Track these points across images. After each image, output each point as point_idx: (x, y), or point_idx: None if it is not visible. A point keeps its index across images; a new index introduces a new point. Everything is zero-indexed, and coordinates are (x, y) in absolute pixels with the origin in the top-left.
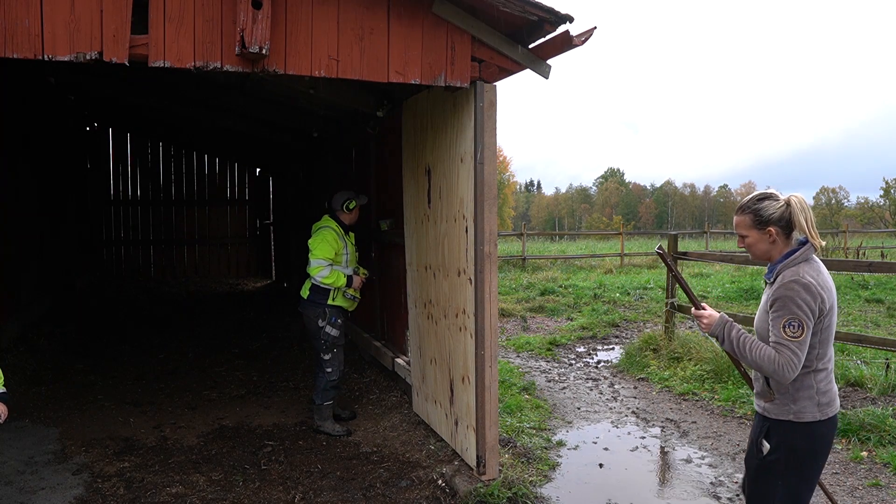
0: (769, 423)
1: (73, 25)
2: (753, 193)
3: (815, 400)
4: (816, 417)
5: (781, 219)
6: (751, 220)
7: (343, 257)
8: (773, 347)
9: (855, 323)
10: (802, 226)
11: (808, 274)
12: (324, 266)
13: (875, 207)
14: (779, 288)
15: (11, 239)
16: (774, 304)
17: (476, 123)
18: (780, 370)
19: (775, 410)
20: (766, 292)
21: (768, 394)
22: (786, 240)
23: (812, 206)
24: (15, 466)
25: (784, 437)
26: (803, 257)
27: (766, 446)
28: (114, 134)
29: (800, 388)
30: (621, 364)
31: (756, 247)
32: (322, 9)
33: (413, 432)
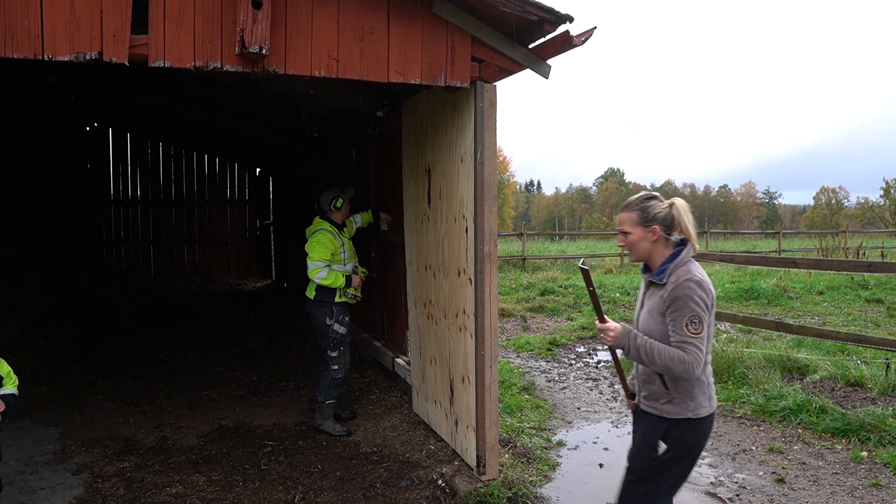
0: (667, 424)
1: (73, 25)
2: (639, 194)
3: (707, 394)
4: (708, 411)
5: (666, 219)
6: (637, 217)
7: (341, 255)
8: (679, 347)
9: (855, 323)
10: (685, 227)
11: (697, 272)
12: (321, 267)
13: (875, 207)
14: (675, 287)
15: (11, 239)
16: (673, 304)
17: (476, 123)
18: (691, 368)
19: (674, 410)
20: (654, 294)
21: (665, 394)
22: (665, 241)
23: (812, 206)
24: (15, 466)
25: (681, 435)
26: (688, 258)
27: (662, 447)
28: (114, 134)
29: (695, 384)
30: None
31: (638, 245)
32: (322, 9)
33: (413, 432)
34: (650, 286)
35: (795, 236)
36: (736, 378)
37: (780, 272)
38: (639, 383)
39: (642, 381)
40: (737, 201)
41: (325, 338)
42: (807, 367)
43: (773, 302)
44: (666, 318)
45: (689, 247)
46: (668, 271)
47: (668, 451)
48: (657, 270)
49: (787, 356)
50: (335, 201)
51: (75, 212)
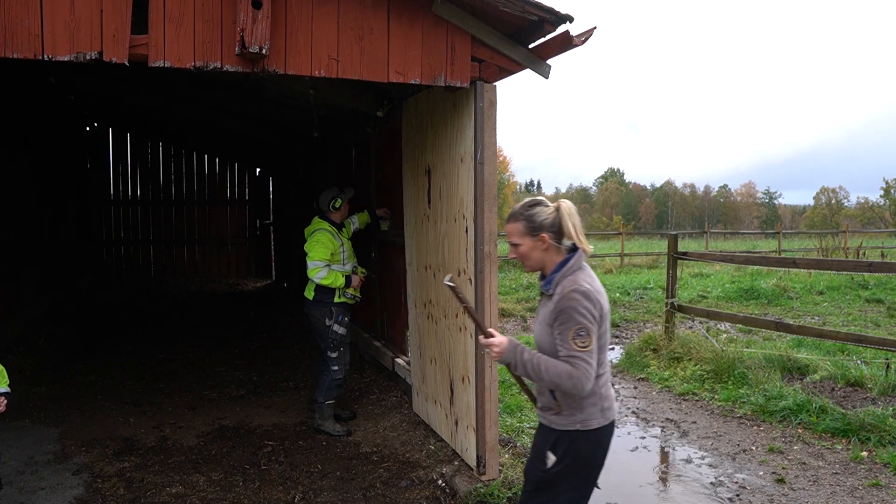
0: (556, 435)
1: (73, 25)
2: (524, 201)
3: (598, 406)
4: (601, 423)
5: (553, 225)
6: (524, 227)
7: (340, 255)
8: (567, 361)
9: (855, 323)
10: (570, 232)
11: (585, 281)
12: (320, 267)
13: (875, 207)
14: (561, 299)
15: (11, 239)
16: (559, 317)
17: (476, 123)
18: (579, 384)
19: (563, 421)
20: (545, 305)
21: (555, 406)
22: (557, 247)
23: (812, 206)
24: (15, 466)
25: (571, 447)
26: (577, 265)
27: (551, 458)
28: (114, 134)
29: (585, 396)
30: (621, 364)
31: (530, 255)
32: (322, 9)
33: (413, 432)
34: (543, 295)
35: (795, 236)
36: (736, 378)
37: (780, 272)
38: (536, 392)
39: (537, 391)
40: (737, 201)
41: (324, 338)
42: (807, 367)
43: (773, 302)
44: (553, 331)
45: (579, 254)
46: (554, 281)
47: (557, 463)
48: (546, 281)
49: (787, 356)
50: (334, 202)
51: (75, 212)
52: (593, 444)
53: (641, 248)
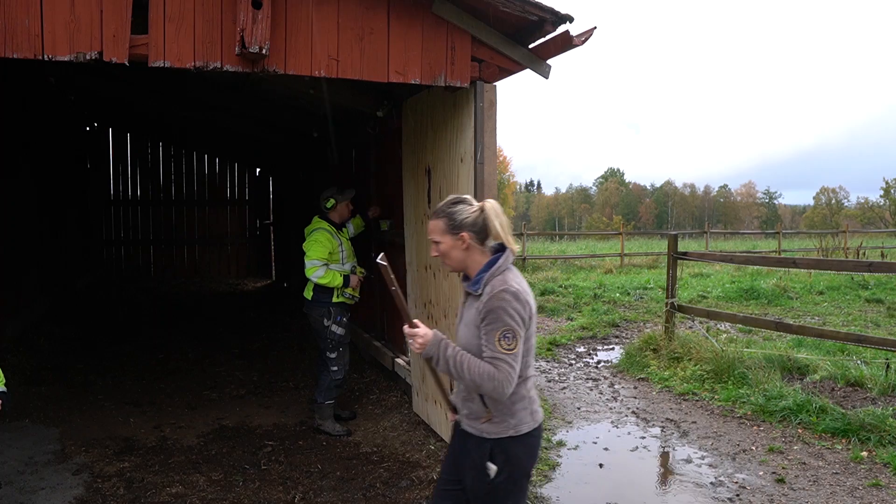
0: (490, 444)
1: (73, 25)
2: (448, 198)
3: (528, 409)
4: (531, 427)
5: (475, 224)
6: (444, 225)
7: (339, 255)
8: (490, 362)
9: (855, 323)
10: (497, 232)
11: (515, 282)
12: (318, 266)
13: (875, 207)
14: (490, 299)
15: (11, 239)
16: (487, 317)
17: (476, 123)
18: (500, 386)
19: (495, 429)
20: (470, 306)
21: (485, 413)
22: (480, 247)
23: (812, 206)
24: (15, 466)
25: (509, 455)
26: (506, 265)
27: (492, 469)
28: (114, 134)
29: (516, 400)
30: (621, 364)
31: (451, 255)
32: (322, 9)
33: (413, 432)
34: (468, 296)
35: (795, 236)
36: (736, 378)
37: (780, 272)
38: (460, 401)
39: (462, 399)
40: (737, 201)
41: (323, 339)
42: (807, 367)
43: (773, 302)
44: (480, 332)
45: (507, 253)
46: (483, 281)
47: (500, 472)
48: (473, 280)
49: (787, 356)
50: (327, 201)
51: (75, 212)
52: (527, 448)
53: (641, 248)
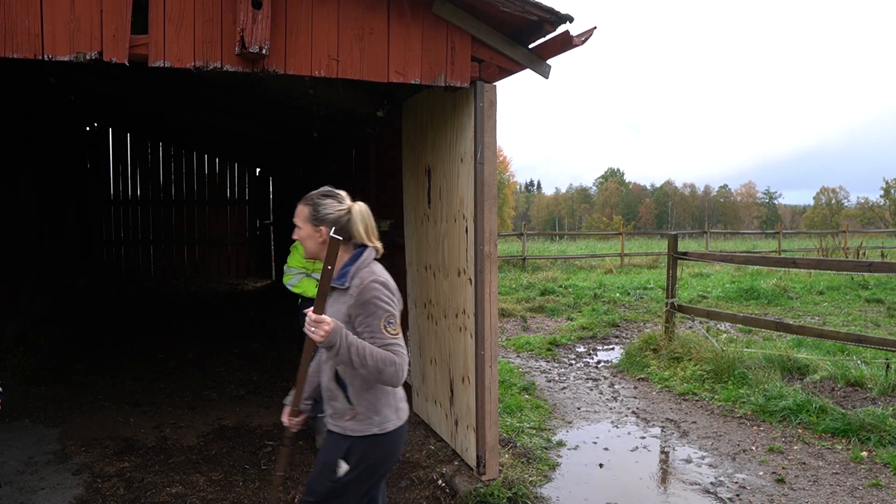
0: (350, 441)
1: (73, 25)
2: (321, 188)
3: (394, 406)
4: (396, 424)
5: (337, 222)
6: (308, 213)
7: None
8: (385, 349)
9: (855, 323)
10: (360, 234)
11: (382, 273)
12: (293, 274)
13: (875, 207)
14: (362, 291)
15: (11, 239)
16: (364, 309)
17: (476, 123)
18: (401, 370)
19: (359, 427)
20: (337, 300)
21: (349, 411)
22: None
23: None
24: (15, 466)
25: (366, 453)
26: (371, 259)
27: (343, 467)
28: (114, 134)
29: (380, 397)
30: (621, 364)
31: (307, 243)
32: (322, 9)
33: (413, 432)
34: (332, 291)
35: (795, 236)
36: (736, 378)
37: (780, 272)
38: (323, 399)
39: (326, 398)
40: (737, 201)
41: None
42: (807, 367)
43: (773, 302)
44: (356, 325)
45: (370, 249)
46: (349, 275)
47: (351, 470)
48: (339, 275)
49: (787, 356)
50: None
51: (75, 212)
52: (389, 446)
53: (641, 248)
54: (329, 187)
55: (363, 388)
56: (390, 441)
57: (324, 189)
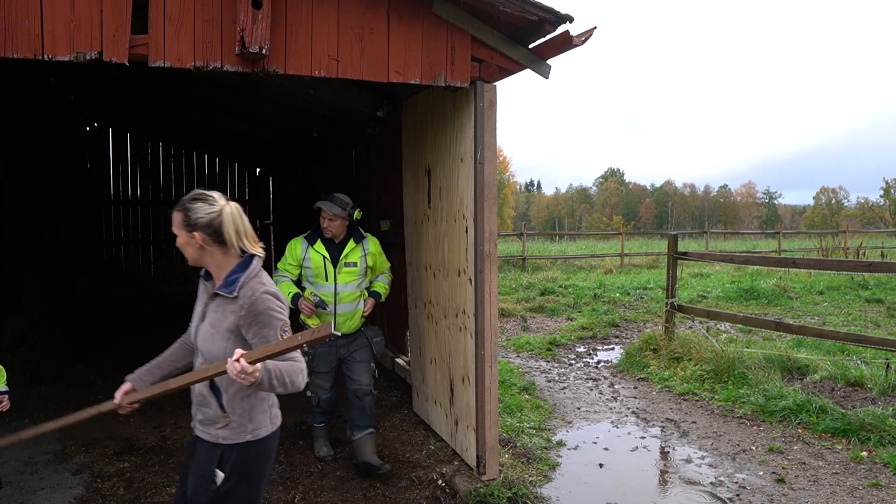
0: (222, 450)
1: (73, 25)
2: (192, 191)
3: (268, 413)
4: (270, 430)
5: (209, 226)
6: (181, 219)
7: (304, 270)
8: (286, 359)
9: (855, 323)
10: (231, 238)
11: (270, 282)
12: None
13: (875, 207)
14: (253, 302)
15: (11, 239)
16: (257, 320)
17: (476, 123)
18: (304, 375)
19: (232, 434)
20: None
21: (222, 419)
22: (220, 248)
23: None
24: (15, 466)
25: (241, 460)
26: (259, 267)
27: (219, 476)
28: (114, 134)
29: (255, 404)
30: (621, 364)
31: (185, 250)
32: (322, 9)
33: (413, 432)
34: (215, 297)
35: (795, 236)
36: (736, 378)
37: (780, 272)
38: (194, 405)
39: (197, 404)
40: (737, 201)
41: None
42: (807, 367)
43: (773, 302)
44: (247, 336)
45: (258, 257)
46: (239, 283)
47: (227, 479)
48: (225, 282)
49: (787, 356)
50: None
51: (75, 212)
52: (263, 453)
53: (641, 248)
54: (200, 190)
55: (238, 395)
56: (263, 447)
57: (194, 192)
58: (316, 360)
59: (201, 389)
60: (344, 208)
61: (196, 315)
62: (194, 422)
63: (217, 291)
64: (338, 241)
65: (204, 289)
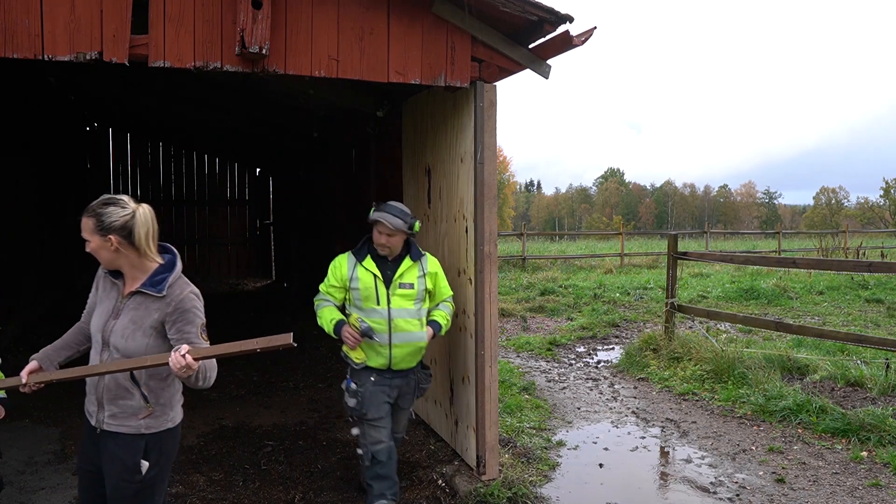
0: (146, 440)
1: (73, 25)
2: (102, 196)
3: (181, 402)
4: (181, 416)
5: (125, 228)
6: (93, 225)
7: (351, 292)
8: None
9: (855, 323)
10: (140, 239)
11: (191, 284)
12: (317, 301)
13: (875, 207)
14: (182, 301)
15: (11, 239)
16: (182, 318)
17: (476, 123)
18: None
19: (155, 423)
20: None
21: (145, 409)
22: (134, 249)
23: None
24: (15, 466)
25: (162, 448)
26: (180, 268)
27: (145, 465)
28: (114, 134)
29: (174, 393)
30: (621, 364)
31: (100, 254)
32: (322, 9)
33: (413, 432)
34: (133, 296)
35: (795, 236)
36: (736, 378)
37: (780, 272)
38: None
39: (111, 398)
40: (737, 201)
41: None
42: (807, 367)
43: (773, 302)
44: (169, 331)
45: (178, 258)
46: (167, 283)
47: (152, 468)
48: (151, 281)
49: (787, 356)
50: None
51: (75, 212)
52: (177, 438)
53: (641, 248)
54: (108, 195)
55: (160, 386)
56: (177, 433)
57: (104, 197)
58: (366, 405)
59: (121, 382)
60: (405, 220)
61: (102, 312)
62: (99, 419)
63: (142, 290)
64: (391, 259)
65: (111, 286)
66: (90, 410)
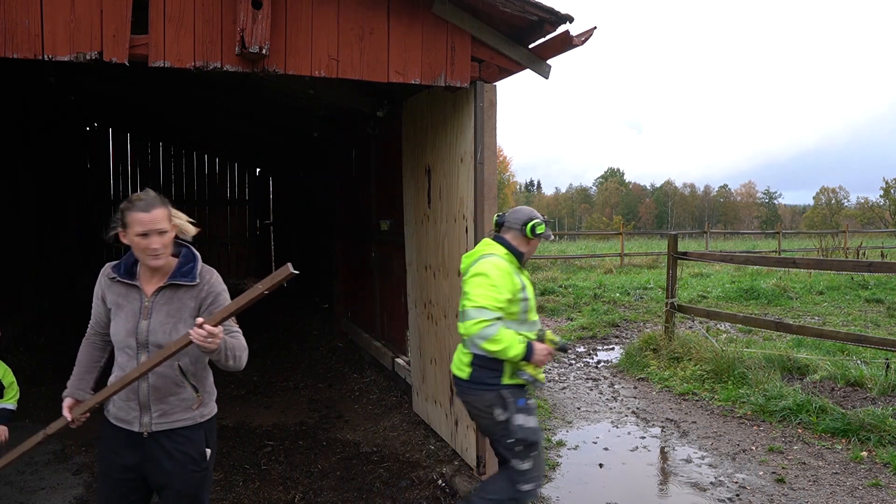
0: (203, 427)
1: (73, 25)
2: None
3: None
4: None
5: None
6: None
7: (520, 304)
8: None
9: (855, 323)
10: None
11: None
12: (489, 320)
13: (875, 207)
14: (213, 285)
15: (11, 239)
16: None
17: (476, 123)
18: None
19: (206, 411)
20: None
21: (197, 398)
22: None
23: (812, 206)
24: (15, 466)
25: (214, 429)
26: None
27: (208, 452)
28: (114, 134)
29: (209, 377)
30: (621, 364)
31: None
32: (322, 9)
33: (413, 432)
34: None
35: (795, 236)
36: (736, 378)
37: (780, 272)
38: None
39: (159, 397)
40: (737, 201)
41: (500, 441)
42: (807, 367)
43: (773, 302)
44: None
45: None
46: (197, 271)
47: (212, 454)
48: (181, 272)
49: (787, 356)
50: (537, 225)
51: (75, 212)
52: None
53: (641, 248)
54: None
55: (203, 373)
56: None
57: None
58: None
59: (171, 378)
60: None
61: (127, 316)
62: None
63: (173, 282)
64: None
65: (126, 289)
66: (127, 418)
